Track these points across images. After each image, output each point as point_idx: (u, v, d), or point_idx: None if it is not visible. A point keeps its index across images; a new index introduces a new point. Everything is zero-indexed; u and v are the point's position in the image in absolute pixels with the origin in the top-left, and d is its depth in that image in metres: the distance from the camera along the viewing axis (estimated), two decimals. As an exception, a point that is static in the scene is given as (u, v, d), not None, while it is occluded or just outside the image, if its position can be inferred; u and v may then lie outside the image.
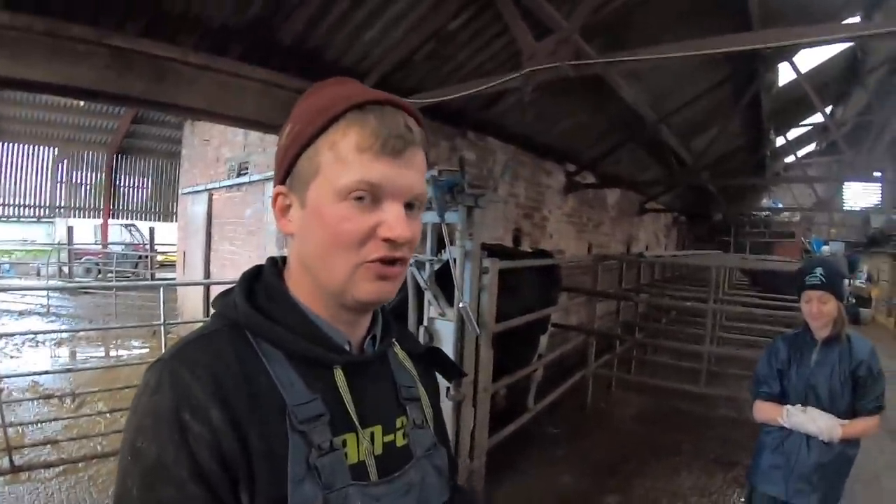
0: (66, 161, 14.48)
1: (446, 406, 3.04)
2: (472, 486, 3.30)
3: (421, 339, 3.06)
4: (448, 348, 3.03)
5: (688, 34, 3.16)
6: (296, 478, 0.65)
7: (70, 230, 14.41)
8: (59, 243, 14.94)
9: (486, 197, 2.94)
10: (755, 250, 16.24)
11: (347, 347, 0.77)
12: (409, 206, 0.72)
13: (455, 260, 2.85)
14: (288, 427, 0.67)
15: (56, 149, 14.20)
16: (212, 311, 0.78)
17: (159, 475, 0.61)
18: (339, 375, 0.74)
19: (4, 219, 14.83)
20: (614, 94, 4.79)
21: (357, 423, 0.73)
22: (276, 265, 0.80)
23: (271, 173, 4.06)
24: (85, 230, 15.85)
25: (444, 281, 3.08)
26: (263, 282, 0.78)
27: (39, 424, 4.54)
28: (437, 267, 3.05)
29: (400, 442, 0.79)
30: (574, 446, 4.63)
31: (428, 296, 3.07)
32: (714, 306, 6.07)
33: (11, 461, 3.79)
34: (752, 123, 8.44)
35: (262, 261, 0.82)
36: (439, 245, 3.07)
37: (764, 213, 18.35)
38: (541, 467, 4.19)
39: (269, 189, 4.87)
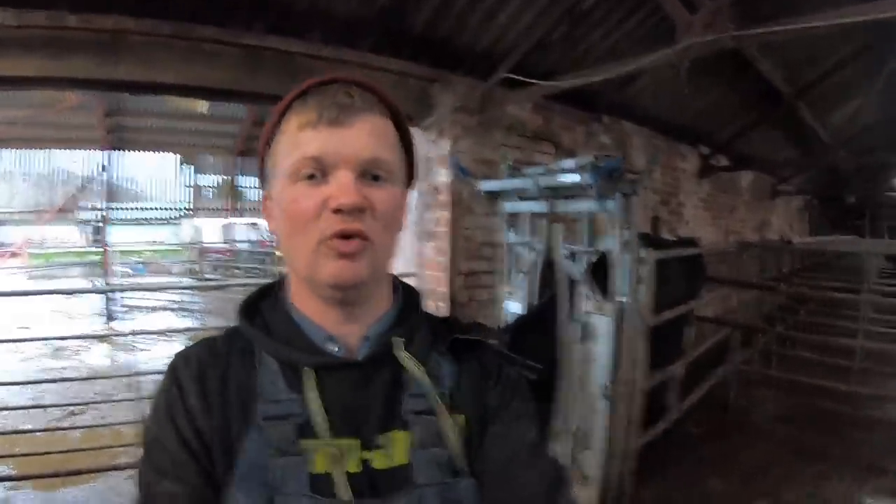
0: (192, 166, 15.46)
1: (599, 405, 2.88)
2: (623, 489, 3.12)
3: (576, 335, 2.91)
4: (605, 345, 2.84)
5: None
6: (242, 470, 0.65)
7: (197, 230, 15.38)
8: (188, 243, 15.98)
9: (643, 183, 2.73)
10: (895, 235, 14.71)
11: (334, 347, 0.73)
12: (374, 177, 0.69)
13: (612, 251, 2.67)
14: (252, 422, 0.67)
15: (182, 155, 15.19)
16: None
17: (156, 445, 0.69)
18: (308, 377, 0.70)
19: (136, 222, 15.99)
20: (749, 68, 4.47)
21: (326, 430, 0.67)
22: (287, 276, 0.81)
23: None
24: (211, 230, 16.88)
25: (597, 273, 2.91)
26: (273, 291, 0.81)
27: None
28: (593, 259, 2.87)
29: (382, 463, 0.68)
30: (717, 448, 4.32)
31: (583, 289, 2.89)
32: (869, 297, 5.48)
33: None
34: (892, 96, 7.58)
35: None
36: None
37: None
38: (686, 469, 3.94)
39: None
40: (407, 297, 0.83)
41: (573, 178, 2.70)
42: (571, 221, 3.18)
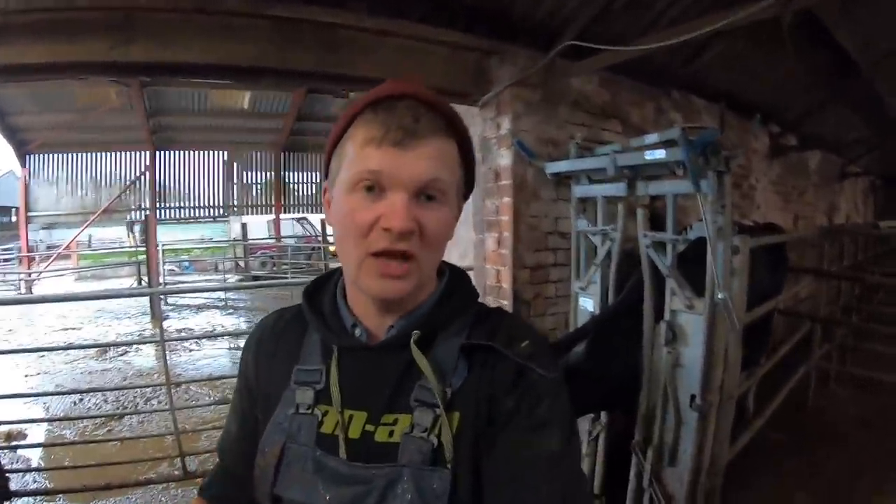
0: (236, 163, 15.56)
1: (687, 416, 2.52)
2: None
3: (663, 337, 2.53)
4: (696, 347, 2.46)
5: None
6: (276, 421, 0.83)
7: (244, 227, 15.46)
8: (234, 240, 16.09)
9: (738, 160, 2.34)
10: (965, 218, 13.74)
11: (358, 332, 0.83)
12: (428, 197, 0.75)
13: (708, 239, 2.28)
14: (290, 381, 0.84)
15: (226, 152, 15.31)
16: None
17: (236, 388, 0.98)
18: (335, 355, 0.82)
19: (184, 220, 16.18)
20: (825, 37, 4.06)
21: (338, 400, 0.79)
22: None
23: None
24: (258, 226, 16.99)
25: (683, 265, 2.53)
26: (335, 275, 0.92)
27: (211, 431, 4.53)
28: (680, 248, 2.49)
29: (381, 436, 0.77)
30: (801, 455, 4.00)
31: (671, 284, 2.51)
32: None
33: (184, 466, 3.79)
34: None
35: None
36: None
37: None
38: (771, 481, 3.63)
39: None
40: (452, 283, 0.89)
41: (659, 154, 2.34)
42: (644, 206, 2.81)
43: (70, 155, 14.05)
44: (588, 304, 3.01)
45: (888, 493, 3.45)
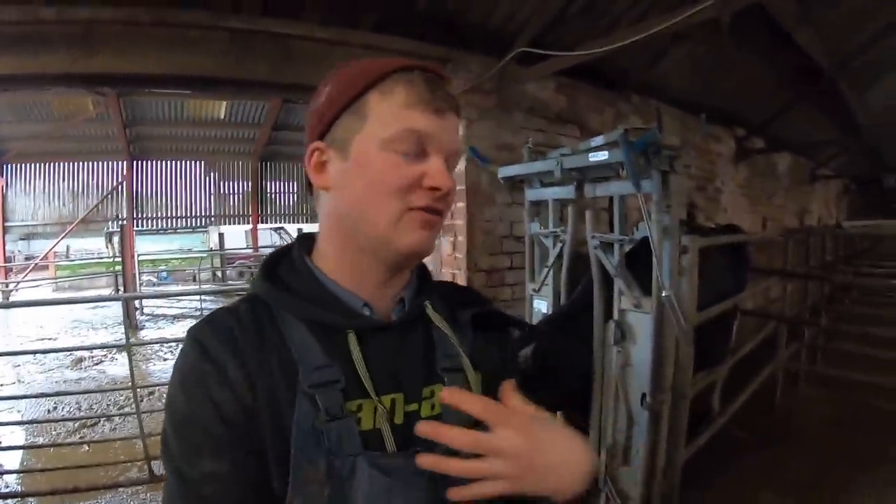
0: (213, 173, 15.46)
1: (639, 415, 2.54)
2: None
3: (611, 336, 2.56)
4: (645, 346, 2.49)
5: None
6: (299, 439, 0.67)
7: (221, 237, 15.39)
8: (211, 250, 15.99)
9: (684, 159, 2.38)
10: (938, 218, 13.99)
11: (367, 312, 0.78)
12: (447, 166, 0.76)
13: (651, 239, 2.32)
14: (298, 390, 0.69)
15: (203, 162, 15.19)
16: None
17: (189, 420, 0.68)
18: (352, 340, 0.74)
19: (161, 231, 16.05)
20: (786, 41, 4.18)
21: (372, 389, 0.72)
22: (305, 240, 0.85)
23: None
24: (236, 236, 16.90)
25: (633, 266, 2.56)
26: (290, 255, 0.83)
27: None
28: (627, 249, 2.52)
29: (427, 412, 0.77)
30: (766, 455, 4.04)
31: (619, 284, 2.54)
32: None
33: (151, 470, 3.83)
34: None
35: None
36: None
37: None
38: (735, 481, 3.66)
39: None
40: (421, 266, 0.89)
41: (602, 156, 2.37)
42: (600, 209, 2.85)
43: (47, 165, 13.90)
44: (542, 307, 3.04)
45: (854, 492, 3.48)
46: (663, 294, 2.30)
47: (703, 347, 3.23)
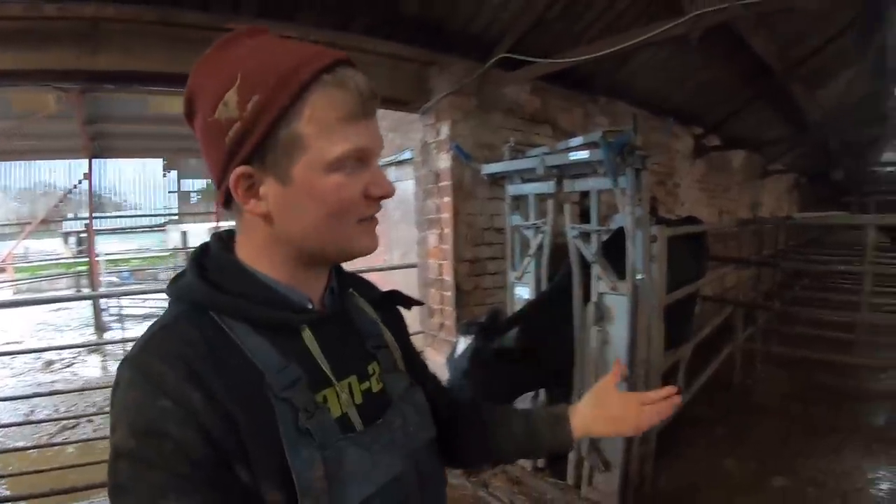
0: (174, 170, 15.24)
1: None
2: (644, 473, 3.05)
3: (591, 317, 2.82)
4: (622, 325, 2.77)
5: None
6: (291, 444, 0.66)
7: (184, 235, 15.17)
8: (174, 248, 15.77)
9: (653, 158, 2.65)
10: (884, 210, 14.70)
11: (310, 306, 0.78)
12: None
13: (626, 229, 2.58)
14: (271, 397, 0.67)
15: (165, 160, 14.95)
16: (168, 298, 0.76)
17: (148, 463, 0.61)
18: (307, 335, 0.76)
19: (121, 231, 15.75)
20: (742, 45, 4.41)
21: (332, 377, 0.75)
22: (222, 239, 0.80)
23: (390, 157, 3.77)
24: (198, 235, 16.63)
25: (608, 253, 2.83)
26: (213, 257, 0.77)
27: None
28: (604, 238, 2.78)
29: (376, 387, 0.82)
30: (729, 428, 4.31)
31: (596, 269, 2.80)
32: (870, 268, 5.45)
33: None
34: (879, 71, 7.60)
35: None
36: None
37: (887, 170, 16.51)
38: (701, 451, 3.92)
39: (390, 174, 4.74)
40: None
41: (583, 155, 2.62)
42: (574, 203, 3.10)
43: (5, 164, 13.54)
44: (524, 293, 3.28)
45: (808, 456, 3.76)
46: (637, 277, 2.56)
47: (670, 328, 3.54)
